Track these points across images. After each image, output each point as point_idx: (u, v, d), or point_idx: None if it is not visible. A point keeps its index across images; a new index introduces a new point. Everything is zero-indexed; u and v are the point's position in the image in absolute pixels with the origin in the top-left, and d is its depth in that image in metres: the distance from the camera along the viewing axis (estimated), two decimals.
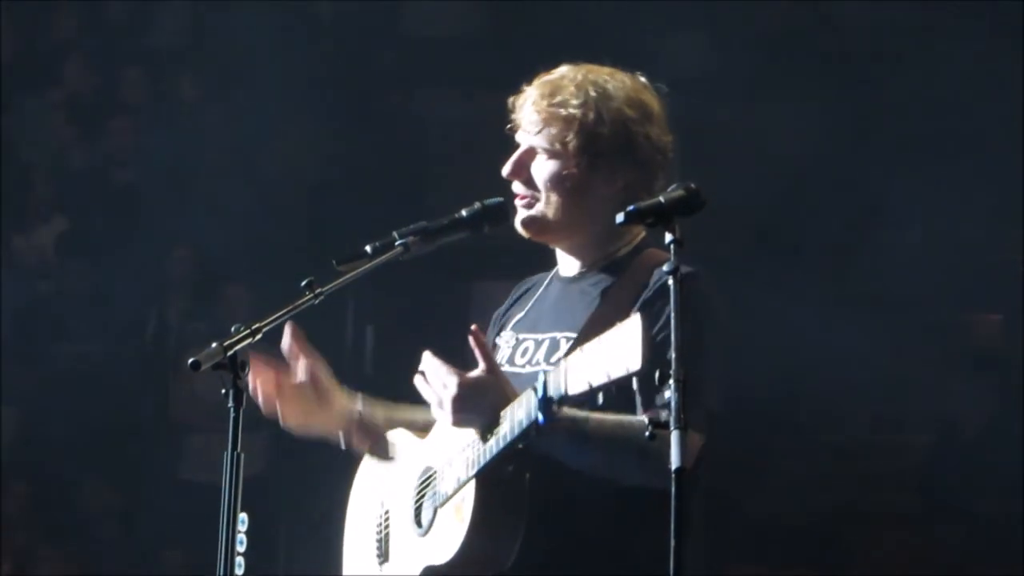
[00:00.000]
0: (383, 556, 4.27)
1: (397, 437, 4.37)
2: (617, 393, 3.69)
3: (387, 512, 4.30)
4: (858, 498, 8.56)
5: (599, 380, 3.60)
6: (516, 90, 4.26)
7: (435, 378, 3.96)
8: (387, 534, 4.27)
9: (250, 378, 3.97)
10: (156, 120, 9.75)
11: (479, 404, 3.93)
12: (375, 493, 4.37)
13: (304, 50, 9.71)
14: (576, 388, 3.63)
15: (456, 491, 3.99)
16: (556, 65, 4.28)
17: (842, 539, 8.50)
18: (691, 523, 3.76)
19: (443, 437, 4.10)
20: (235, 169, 9.46)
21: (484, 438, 3.93)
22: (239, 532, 3.79)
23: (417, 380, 4.02)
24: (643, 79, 4.25)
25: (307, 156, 9.68)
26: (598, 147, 4.16)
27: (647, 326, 3.51)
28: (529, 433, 3.80)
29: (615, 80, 4.21)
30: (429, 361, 3.99)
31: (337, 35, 9.94)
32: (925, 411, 8.65)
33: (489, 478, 3.94)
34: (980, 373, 8.56)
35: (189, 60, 10.08)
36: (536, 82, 4.23)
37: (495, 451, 3.90)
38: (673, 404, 3.59)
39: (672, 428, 3.58)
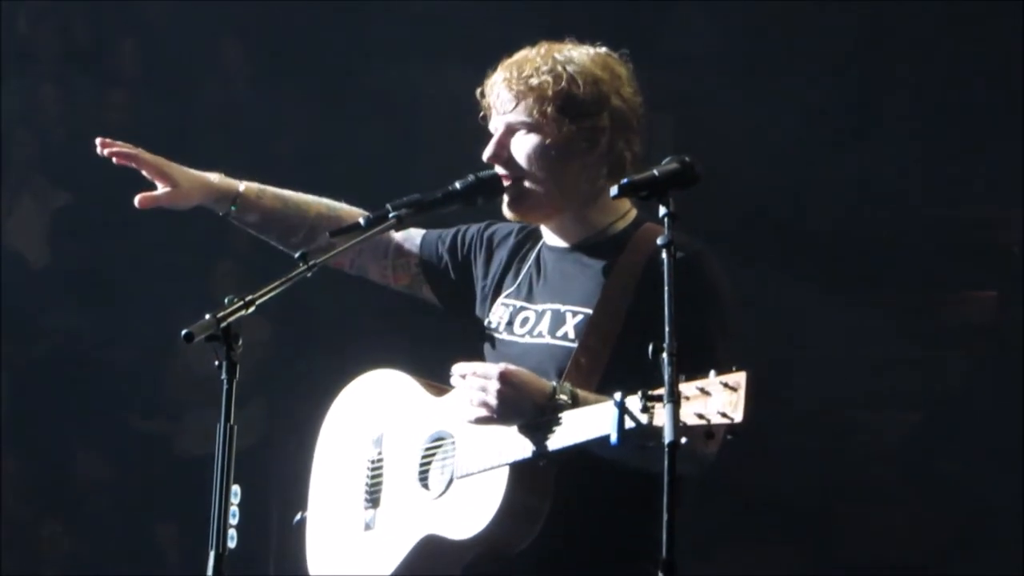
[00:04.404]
0: (372, 501, 4.27)
1: (404, 382, 4.35)
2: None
3: (381, 456, 4.29)
4: (848, 476, 8.56)
5: (691, 420, 3.61)
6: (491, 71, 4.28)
7: (472, 379, 3.99)
8: (380, 479, 4.27)
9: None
10: (153, 95, 9.70)
11: (522, 401, 3.95)
12: (369, 429, 4.35)
13: (292, 24, 9.67)
14: (659, 422, 3.64)
15: (483, 471, 4.02)
16: (549, 38, 4.28)
17: (831, 517, 8.51)
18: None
19: (463, 408, 4.08)
20: (234, 143, 9.42)
21: (529, 432, 3.95)
22: (232, 504, 3.79)
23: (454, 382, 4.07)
24: (604, 49, 4.26)
25: (302, 131, 9.66)
26: (576, 109, 4.15)
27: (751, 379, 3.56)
28: (593, 444, 3.85)
29: (577, 49, 4.22)
30: (461, 367, 4.02)
31: (327, 8, 9.88)
32: (917, 388, 8.65)
33: (522, 468, 3.98)
34: (973, 350, 8.57)
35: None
36: (501, 65, 4.24)
37: (547, 451, 3.92)
38: (666, 378, 3.60)
39: (665, 402, 3.59)
